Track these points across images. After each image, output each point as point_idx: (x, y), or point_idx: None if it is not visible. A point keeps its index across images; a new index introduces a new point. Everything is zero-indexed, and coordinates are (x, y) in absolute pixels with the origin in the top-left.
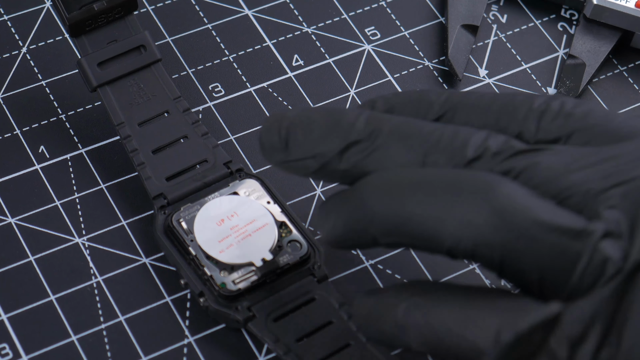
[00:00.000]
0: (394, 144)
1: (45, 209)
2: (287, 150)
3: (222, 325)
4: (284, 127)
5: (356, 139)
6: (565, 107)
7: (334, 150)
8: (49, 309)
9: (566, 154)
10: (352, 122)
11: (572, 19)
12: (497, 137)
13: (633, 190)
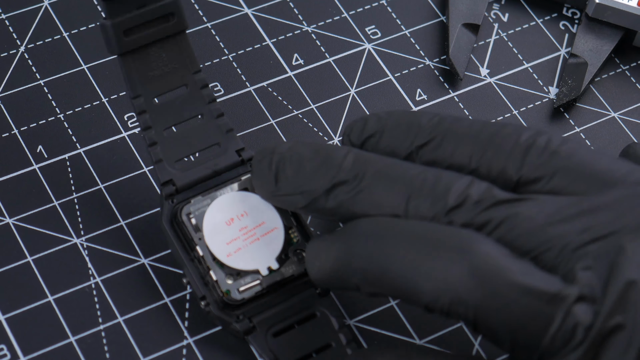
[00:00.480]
0: (378, 187)
1: (44, 209)
2: (276, 184)
3: (221, 327)
4: (274, 161)
5: (342, 180)
6: (551, 144)
7: (321, 189)
8: (47, 309)
9: (547, 205)
10: (339, 162)
11: (574, 17)
12: (479, 185)
13: (609, 248)
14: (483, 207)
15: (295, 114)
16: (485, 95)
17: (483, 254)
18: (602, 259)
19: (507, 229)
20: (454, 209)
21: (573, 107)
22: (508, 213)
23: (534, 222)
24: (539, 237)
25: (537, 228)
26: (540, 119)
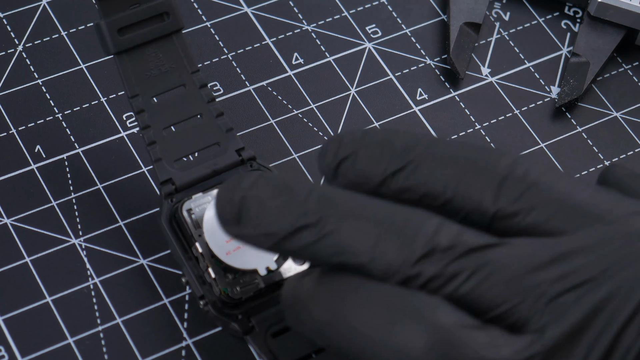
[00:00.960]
0: (343, 231)
1: (42, 209)
2: (239, 225)
3: (220, 327)
4: (236, 200)
5: (305, 223)
6: (530, 175)
7: (284, 231)
8: (45, 310)
9: (521, 250)
10: (302, 202)
11: (575, 16)
12: (449, 229)
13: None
14: (453, 256)
15: (295, 113)
16: (486, 94)
17: (444, 326)
18: (575, 309)
19: (479, 280)
20: (423, 258)
21: (575, 106)
22: (480, 262)
23: (507, 272)
24: (513, 288)
25: (510, 278)
26: (541, 118)
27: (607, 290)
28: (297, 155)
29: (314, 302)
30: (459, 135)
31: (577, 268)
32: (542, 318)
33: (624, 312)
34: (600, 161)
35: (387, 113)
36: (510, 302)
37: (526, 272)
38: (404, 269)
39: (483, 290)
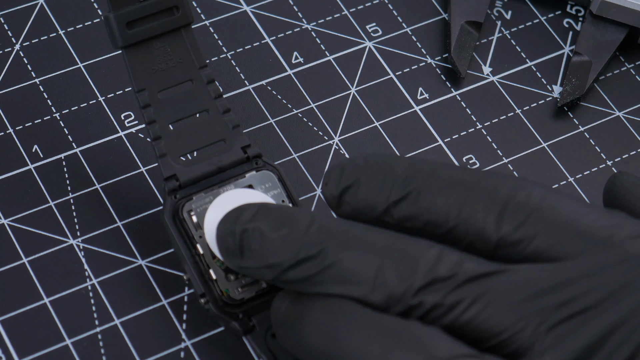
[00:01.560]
0: (344, 263)
1: (39, 209)
2: (241, 258)
3: (220, 328)
4: (237, 233)
5: (306, 256)
6: (532, 200)
7: (286, 263)
8: (43, 312)
9: (523, 277)
10: (303, 234)
11: (578, 15)
12: (450, 257)
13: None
14: (454, 285)
15: (295, 113)
16: (487, 94)
17: (440, 357)
18: (576, 339)
19: (480, 308)
20: (423, 288)
21: (577, 106)
22: (480, 290)
23: (508, 299)
24: (513, 315)
25: (511, 306)
26: (543, 118)
27: (611, 318)
28: (296, 155)
29: (308, 324)
30: (460, 135)
31: (579, 295)
32: (543, 346)
33: (630, 342)
34: (602, 161)
35: (388, 112)
36: (510, 330)
37: (527, 298)
38: (405, 300)
39: (483, 319)
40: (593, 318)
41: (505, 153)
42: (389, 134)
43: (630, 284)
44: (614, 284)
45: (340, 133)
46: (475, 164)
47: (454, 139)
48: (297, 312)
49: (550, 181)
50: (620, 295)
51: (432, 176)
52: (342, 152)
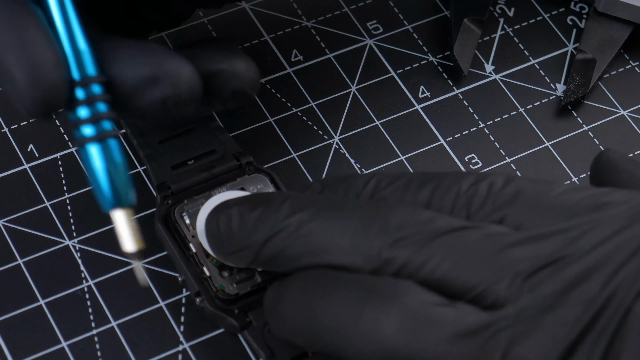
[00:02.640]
0: (316, 230)
1: (35, 210)
2: (226, 241)
3: (217, 331)
4: (221, 220)
5: (279, 228)
6: (493, 189)
7: (261, 240)
8: (38, 314)
9: (495, 231)
10: (277, 210)
11: (581, 12)
12: (421, 214)
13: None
14: (426, 240)
15: (295, 111)
16: (490, 92)
17: (412, 306)
18: (548, 285)
19: (453, 262)
20: (395, 242)
21: (581, 104)
22: (453, 244)
23: (481, 253)
24: (488, 267)
25: (485, 258)
26: (547, 116)
27: (585, 264)
28: (296, 155)
29: (286, 301)
30: (462, 134)
31: (551, 247)
32: (520, 296)
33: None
34: None
35: (389, 111)
36: (485, 282)
37: (500, 251)
38: (376, 257)
39: (458, 272)
40: (567, 265)
41: (508, 152)
42: (389, 133)
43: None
44: (586, 238)
45: (341, 132)
46: (478, 163)
47: (456, 138)
48: (279, 293)
49: (554, 181)
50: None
51: (393, 184)
52: (342, 152)
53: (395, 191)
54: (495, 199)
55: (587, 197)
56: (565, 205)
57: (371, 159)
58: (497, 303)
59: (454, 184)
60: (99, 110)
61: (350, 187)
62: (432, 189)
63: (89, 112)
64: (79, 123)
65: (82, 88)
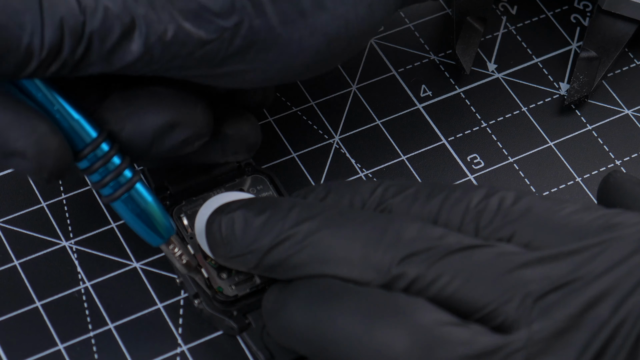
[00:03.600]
0: (325, 240)
1: (31, 210)
2: (228, 245)
3: (216, 333)
4: (224, 222)
5: (287, 236)
6: (504, 205)
7: (266, 246)
8: (35, 316)
9: (506, 251)
10: (284, 217)
11: (585, 10)
12: (432, 230)
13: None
14: (436, 257)
15: (294, 111)
16: (492, 91)
17: (424, 325)
18: (562, 309)
19: (463, 280)
20: (405, 259)
21: (585, 103)
22: (464, 263)
23: (492, 272)
24: (498, 287)
25: (495, 278)
26: (550, 116)
27: (597, 289)
28: (296, 155)
29: (291, 308)
30: (464, 133)
31: (562, 269)
32: (530, 317)
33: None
34: (611, 160)
35: (390, 110)
36: (496, 302)
37: (511, 271)
38: (387, 272)
39: (468, 291)
40: (578, 289)
41: (511, 152)
42: (391, 132)
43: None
44: (597, 261)
45: (341, 132)
46: (480, 163)
47: (458, 137)
48: (282, 299)
49: (557, 181)
50: (602, 270)
51: (401, 194)
52: (342, 152)
53: (403, 201)
54: (505, 215)
55: (598, 218)
56: (575, 225)
57: (372, 159)
58: (506, 323)
59: (464, 197)
60: (116, 164)
61: (356, 194)
62: (441, 200)
63: (107, 170)
64: (102, 183)
65: (91, 153)
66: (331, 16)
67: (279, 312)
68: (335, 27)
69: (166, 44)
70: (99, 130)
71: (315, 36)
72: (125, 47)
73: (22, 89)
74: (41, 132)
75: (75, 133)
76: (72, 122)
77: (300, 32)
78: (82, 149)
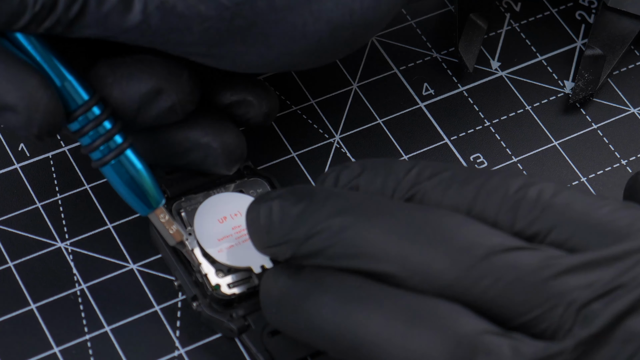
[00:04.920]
0: (362, 234)
1: (25, 211)
2: (267, 234)
3: (214, 336)
4: (262, 211)
5: (323, 227)
6: (543, 196)
7: (302, 236)
8: (30, 318)
9: (549, 254)
10: (321, 207)
11: (591, 7)
12: (475, 228)
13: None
14: (479, 257)
15: (294, 109)
16: (496, 89)
17: (466, 333)
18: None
19: (506, 284)
20: None
21: (590, 102)
22: (507, 265)
23: (536, 276)
24: (542, 292)
25: (539, 282)
26: (554, 115)
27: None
28: (295, 154)
29: (317, 301)
30: (467, 132)
31: (606, 276)
32: (573, 326)
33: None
34: (616, 160)
35: (391, 109)
36: (539, 309)
37: (555, 276)
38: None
39: (511, 295)
40: (621, 296)
41: (515, 152)
42: (392, 131)
43: None
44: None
45: (342, 131)
46: (483, 163)
47: (460, 137)
48: (302, 288)
49: (562, 181)
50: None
51: (436, 177)
52: (343, 151)
53: (438, 185)
54: (544, 207)
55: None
56: (616, 225)
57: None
58: (548, 331)
59: (502, 185)
60: (107, 128)
61: (390, 173)
62: (478, 187)
63: (98, 133)
64: (92, 147)
65: (83, 115)
66: (336, 3)
67: (296, 303)
68: (340, 15)
69: (165, 14)
70: (91, 93)
71: (319, 23)
72: (123, 12)
73: (17, 44)
74: (32, 85)
75: (68, 94)
76: (65, 82)
77: (303, 17)
78: (73, 110)
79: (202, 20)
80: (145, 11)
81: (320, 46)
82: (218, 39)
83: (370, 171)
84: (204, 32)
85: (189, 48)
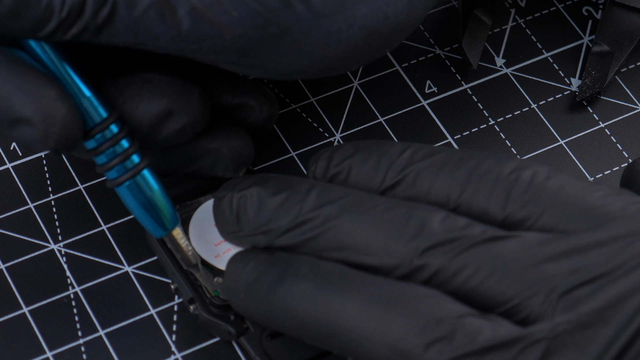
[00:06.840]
0: (345, 226)
1: (18, 212)
2: (238, 224)
3: (211, 340)
4: (235, 199)
5: (305, 219)
6: (537, 179)
7: (283, 228)
8: (22, 322)
9: (531, 242)
10: (302, 199)
11: (598, 2)
12: (456, 220)
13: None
14: (460, 248)
15: (294, 107)
16: (500, 87)
17: (442, 317)
18: (587, 304)
19: (487, 273)
20: (429, 249)
21: (597, 100)
22: (488, 255)
23: (516, 264)
24: (523, 281)
25: (520, 270)
26: (561, 113)
27: (625, 285)
28: (295, 154)
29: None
30: (471, 131)
31: (590, 262)
32: (555, 311)
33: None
34: (624, 159)
35: (393, 107)
36: (520, 296)
37: (537, 264)
38: (409, 263)
39: (491, 284)
40: (607, 285)
41: (520, 151)
42: (394, 130)
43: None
44: (627, 254)
45: (342, 129)
46: None
47: (464, 135)
48: (275, 273)
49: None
50: (633, 264)
51: (429, 158)
52: None
53: (432, 165)
54: (537, 190)
55: (631, 204)
56: (607, 209)
57: None
58: (529, 318)
59: (495, 167)
60: (125, 147)
61: (384, 154)
62: (471, 168)
63: (115, 153)
64: (108, 166)
65: (100, 133)
66: (370, 9)
67: (269, 289)
68: (374, 21)
69: (196, 20)
70: (109, 111)
71: (353, 29)
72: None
73: (34, 56)
74: (49, 98)
75: (85, 111)
76: (83, 99)
77: (338, 24)
78: (90, 128)
79: (235, 27)
80: (175, 17)
81: (355, 52)
82: (251, 46)
83: (364, 151)
84: (236, 39)
85: (220, 56)
